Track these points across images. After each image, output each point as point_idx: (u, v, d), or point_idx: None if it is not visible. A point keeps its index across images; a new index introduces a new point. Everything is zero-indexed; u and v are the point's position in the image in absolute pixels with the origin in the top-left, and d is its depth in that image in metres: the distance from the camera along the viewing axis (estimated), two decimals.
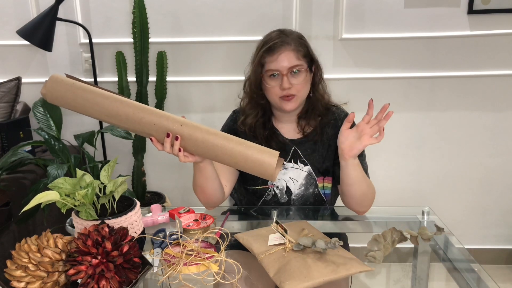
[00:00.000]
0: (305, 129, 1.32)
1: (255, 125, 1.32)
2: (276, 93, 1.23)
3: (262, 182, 1.32)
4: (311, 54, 1.28)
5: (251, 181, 1.34)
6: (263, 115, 1.33)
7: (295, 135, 1.34)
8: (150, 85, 1.99)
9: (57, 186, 0.90)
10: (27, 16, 2.05)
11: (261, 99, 1.30)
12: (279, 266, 0.89)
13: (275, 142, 1.31)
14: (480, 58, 2.03)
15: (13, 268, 0.81)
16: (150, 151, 2.21)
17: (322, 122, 1.32)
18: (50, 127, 1.79)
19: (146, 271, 0.88)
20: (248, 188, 1.35)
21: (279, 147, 1.30)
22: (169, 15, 2.06)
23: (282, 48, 1.21)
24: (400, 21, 2.01)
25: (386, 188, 2.20)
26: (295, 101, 1.24)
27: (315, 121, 1.32)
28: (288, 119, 1.34)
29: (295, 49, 1.22)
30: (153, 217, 1.17)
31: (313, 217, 1.29)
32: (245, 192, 1.38)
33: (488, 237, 2.30)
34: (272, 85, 1.23)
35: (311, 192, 1.32)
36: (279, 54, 1.21)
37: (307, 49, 1.26)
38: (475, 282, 0.93)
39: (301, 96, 1.26)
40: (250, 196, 1.37)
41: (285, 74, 1.20)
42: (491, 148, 2.16)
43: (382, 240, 1.01)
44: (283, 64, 1.20)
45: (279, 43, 1.22)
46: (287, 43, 1.22)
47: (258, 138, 1.31)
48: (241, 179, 1.37)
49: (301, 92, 1.24)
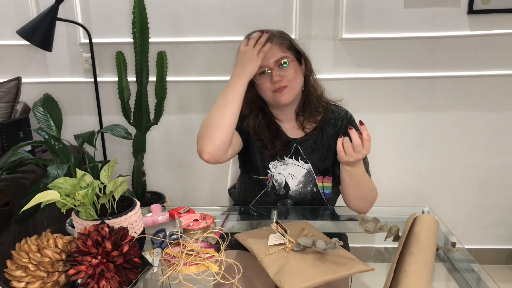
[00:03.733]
0: (304, 125, 1.33)
1: (259, 128, 1.33)
2: (269, 88, 1.25)
3: (263, 173, 1.35)
4: (295, 46, 1.29)
5: (255, 170, 1.36)
6: (264, 116, 1.33)
7: (297, 134, 1.34)
8: (150, 85, 1.99)
9: (57, 186, 0.90)
10: (27, 16, 2.05)
11: (258, 99, 1.32)
12: (279, 266, 0.89)
13: (279, 141, 1.32)
14: (480, 58, 2.03)
15: (13, 268, 0.81)
16: (150, 151, 2.21)
17: (323, 121, 1.33)
18: (50, 127, 1.79)
19: (146, 271, 0.88)
20: (252, 176, 1.37)
21: (283, 145, 1.32)
22: (169, 15, 2.06)
23: None
24: (400, 21, 2.01)
25: (386, 188, 2.20)
26: (288, 92, 1.25)
27: (313, 117, 1.33)
28: (287, 117, 1.34)
29: (278, 43, 1.24)
30: (153, 217, 1.17)
31: (313, 217, 1.29)
32: (248, 180, 1.40)
33: (488, 237, 2.30)
34: (263, 81, 1.25)
35: (309, 190, 1.33)
36: None
37: (290, 42, 1.28)
38: (475, 282, 0.93)
39: (294, 87, 1.26)
40: (253, 185, 1.38)
41: (273, 68, 1.23)
42: (491, 148, 2.16)
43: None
44: (270, 59, 1.23)
45: None
46: (269, 39, 1.24)
47: (264, 141, 1.32)
48: (246, 166, 1.39)
49: (293, 83, 1.25)
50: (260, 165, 1.34)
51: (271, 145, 1.31)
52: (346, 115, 1.34)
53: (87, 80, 2.16)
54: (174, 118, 2.21)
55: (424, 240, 0.93)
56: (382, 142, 2.17)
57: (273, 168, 1.34)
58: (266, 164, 1.34)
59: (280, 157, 1.32)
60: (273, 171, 1.34)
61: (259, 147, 1.34)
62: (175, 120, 2.22)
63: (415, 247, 0.90)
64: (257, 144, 1.34)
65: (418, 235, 0.95)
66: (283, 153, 1.32)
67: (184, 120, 2.21)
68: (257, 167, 1.35)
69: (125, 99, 1.96)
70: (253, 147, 1.35)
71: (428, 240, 0.93)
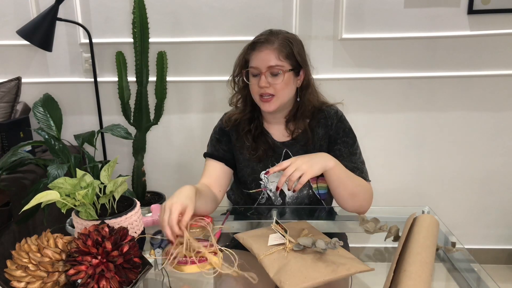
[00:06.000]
0: (294, 132, 1.30)
1: (241, 120, 1.31)
2: (256, 91, 1.23)
3: (255, 186, 1.32)
4: (295, 56, 1.22)
5: (244, 185, 1.34)
6: (251, 111, 1.31)
7: (285, 138, 1.31)
8: (150, 85, 1.99)
9: (57, 186, 0.90)
10: (27, 16, 2.05)
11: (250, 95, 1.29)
12: (279, 266, 0.89)
13: (262, 142, 1.29)
14: (480, 58, 2.03)
15: (13, 268, 0.81)
16: (150, 151, 2.21)
17: (313, 124, 1.29)
18: (50, 127, 1.79)
19: (146, 271, 0.88)
20: (243, 190, 1.35)
21: (267, 147, 1.29)
22: (169, 15, 2.06)
23: (264, 46, 1.20)
24: (400, 21, 2.01)
25: (386, 188, 2.21)
26: (274, 102, 1.21)
27: (304, 123, 1.29)
28: (276, 121, 1.31)
29: (277, 48, 1.19)
30: (153, 217, 1.17)
31: (313, 217, 1.29)
32: (241, 195, 1.38)
33: (488, 237, 2.30)
34: (253, 82, 1.23)
35: (305, 194, 1.31)
36: (259, 52, 1.20)
37: (291, 50, 1.21)
38: (475, 282, 0.93)
39: (281, 98, 1.22)
40: (246, 199, 1.37)
41: (263, 73, 1.19)
42: (491, 148, 2.16)
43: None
44: (262, 63, 1.19)
45: (262, 41, 1.21)
46: (271, 42, 1.20)
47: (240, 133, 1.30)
48: (237, 181, 1.37)
49: (280, 93, 1.20)
50: (250, 179, 1.31)
51: (252, 145, 1.28)
52: (337, 114, 1.30)
53: (87, 80, 2.16)
54: (174, 118, 2.21)
55: (424, 240, 0.93)
56: (382, 142, 2.17)
57: (265, 178, 1.30)
58: (257, 176, 1.30)
59: (271, 165, 1.28)
60: (266, 180, 1.30)
61: (246, 160, 1.30)
62: (175, 120, 2.22)
63: (415, 247, 0.90)
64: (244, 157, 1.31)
65: (418, 235, 0.95)
66: (273, 160, 1.29)
67: (184, 120, 2.21)
68: (246, 182, 1.32)
69: (125, 99, 1.96)
70: (240, 162, 1.32)
71: (428, 240, 0.93)
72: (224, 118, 1.36)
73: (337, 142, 1.27)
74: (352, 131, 1.29)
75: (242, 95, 1.32)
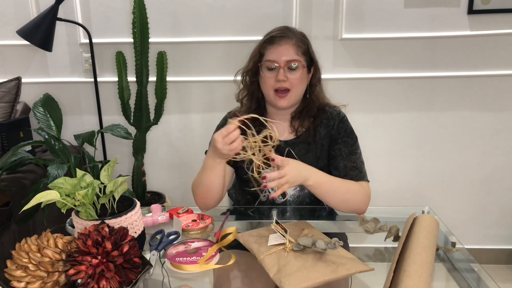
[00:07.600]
0: (298, 130, 1.31)
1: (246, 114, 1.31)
2: (271, 85, 1.23)
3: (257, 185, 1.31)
4: (310, 53, 1.28)
5: (246, 183, 1.34)
6: (257, 108, 1.32)
7: (288, 136, 1.32)
8: (150, 85, 1.99)
9: (57, 186, 0.90)
10: (27, 16, 2.05)
11: (258, 91, 1.30)
12: (279, 266, 0.89)
13: None
14: (480, 58, 2.03)
15: (13, 268, 0.81)
16: (150, 151, 2.21)
17: (315, 123, 1.30)
18: (50, 127, 1.79)
19: (146, 271, 0.88)
20: (245, 189, 1.35)
21: None
22: (169, 15, 2.06)
23: (283, 40, 1.23)
24: (400, 21, 2.01)
25: (386, 188, 2.21)
26: (289, 98, 1.24)
27: (308, 121, 1.31)
28: (281, 118, 1.32)
29: (296, 44, 1.23)
30: (153, 217, 1.18)
31: (312, 217, 1.29)
32: (243, 193, 1.38)
33: (488, 237, 2.30)
34: (268, 76, 1.23)
35: (307, 193, 1.31)
36: (279, 46, 1.22)
37: (307, 47, 1.27)
38: (475, 282, 0.93)
39: (296, 93, 1.25)
40: (247, 197, 1.37)
41: (282, 67, 1.21)
42: (491, 148, 2.16)
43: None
44: (282, 56, 1.21)
45: (281, 35, 1.24)
46: (289, 37, 1.23)
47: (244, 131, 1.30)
48: (239, 180, 1.37)
49: (295, 88, 1.24)
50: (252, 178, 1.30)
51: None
52: (339, 115, 1.31)
53: (87, 80, 2.16)
54: (174, 118, 2.21)
55: (424, 240, 0.93)
56: (382, 142, 2.17)
57: None
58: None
59: None
60: None
61: None
62: (175, 120, 2.22)
63: (415, 247, 0.90)
64: None
65: (418, 235, 0.95)
66: None
67: (184, 120, 2.21)
68: (247, 180, 1.32)
69: (125, 99, 1.96)
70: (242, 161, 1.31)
71: (428, 240, 0.93)
72: (228, 116, 1.36)
73: (337, 142, 1.27)
74: (353, 132, 1.30)
75: (249, 92, 1.33)
